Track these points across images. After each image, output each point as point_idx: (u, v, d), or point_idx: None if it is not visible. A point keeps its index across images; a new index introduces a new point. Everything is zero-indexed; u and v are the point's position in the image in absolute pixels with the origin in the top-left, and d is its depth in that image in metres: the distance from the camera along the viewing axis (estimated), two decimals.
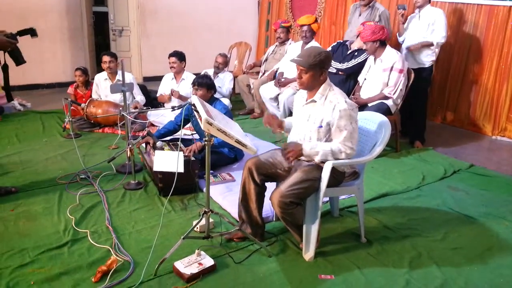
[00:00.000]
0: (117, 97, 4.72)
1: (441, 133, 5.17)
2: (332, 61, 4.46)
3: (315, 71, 2.38)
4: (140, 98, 4.99)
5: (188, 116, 3.67)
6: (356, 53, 4.57)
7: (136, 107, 4.74)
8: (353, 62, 4.52)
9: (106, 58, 4.83)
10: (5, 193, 3.14)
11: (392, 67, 4.06)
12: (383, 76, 4.11)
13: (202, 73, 5.16)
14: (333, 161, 2.38)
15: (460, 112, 5.33)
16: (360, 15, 4.87)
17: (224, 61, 5.44)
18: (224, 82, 5.35)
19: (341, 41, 4.90)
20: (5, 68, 2.92)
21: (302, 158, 2.47)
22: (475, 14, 5.02)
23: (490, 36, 4.91)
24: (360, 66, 4.48)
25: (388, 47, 4.14)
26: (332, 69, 4.45)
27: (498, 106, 4.96)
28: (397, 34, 4.84)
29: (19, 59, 2.97)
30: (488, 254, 2.60)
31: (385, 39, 4.10)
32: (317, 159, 2.39)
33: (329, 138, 2.43)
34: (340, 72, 4.56)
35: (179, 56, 4.94)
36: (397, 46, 4.70)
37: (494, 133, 5.03)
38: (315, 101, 2.44)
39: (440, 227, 2.90)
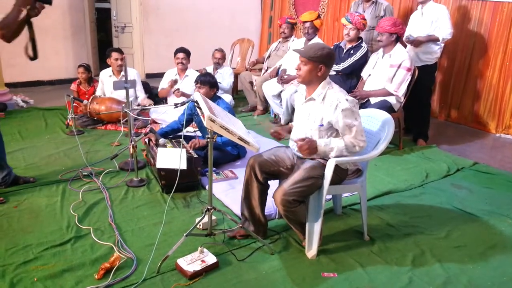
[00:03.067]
0: (122, 94, 4.71)
1: (445, 130, 5.16)
2: None
3: (314, 64, 2.37)
4: (141, 97, 4.99)
5: (191, 115, 3.67)
6: (351, 51, 4.53)
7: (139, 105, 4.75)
8: (348, 62, 4.48)
9: (117, 56, 4.81)
10: (23, 182, 3.22)
11: (400, 65, 4.04)
12: (389, 72, 4.09)
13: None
14: (336, 158, 2.37)
15: (464, 110, 5.31)
16: (364, 11, 4.85)
17: (223, 55, 5.43)
18: (224, 77, 5.34)
19: (337, 43, 4.88)
20: (30, 24, 2.67)
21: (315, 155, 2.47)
22: (479, 11, 4.99)
23: (495, 33, 4.88)
24: (356, 64, 4.45)
25: (398, 44, 4.12)
26: (331, 71, 4.43)
27: (502, 103, 4.94)
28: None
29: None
30: (491, 252, 2.59)
31: (401, 35, 4.10)
32: (332, 155, 2.38)
33: (331, 136, 2.42)
34: (339, 73, 4.54)
35: (187, 53, 4.95)
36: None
37: (498, 130, 5.01)
38: (314, 99, 2.43)
39: (443, 225, 2.89)
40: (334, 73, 4.53)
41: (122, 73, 4.84)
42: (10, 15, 2.57)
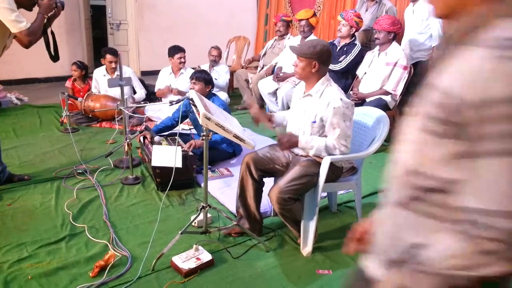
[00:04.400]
0: (117, 92, 4.70)
1: None
2: None
3: (307, 61, 2.37)
4: (140, 92, 4.98)
5: (186, 111, 3.66)
6: (345, 49, 4.54)
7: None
8: (346, 61, 4.47)
9: (112, 59, 4.79)
10: (18, 180, 3.22)
11: (396, 63, 4.06)
12: (385, 70, 4.10)
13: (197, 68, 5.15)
14: (331, 156, 2.38)
15: None
16: (366, 10, 4.86)
17: (219, 53, 5.43)
18: (220, 74, 5.33)
19: (331, 41, 4.88)
20: (52, 33, 2.92)
21: (296, 150, 2.48)
22: None
23: None
24: (352, 63, 4.45)
25: (395, 43, 4.14)
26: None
27: None
28: None
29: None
30: None
31: (398, 33, 4.11)
32: (311, 153, 2.38)
33: (323, 134, 2.42)
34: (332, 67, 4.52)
35: (184, 51, 4.95)
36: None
37: None
38: (311, 95, 2.44)
39: None
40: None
41: (117, 72, 4.83)
42: (36, 23, 2.72)
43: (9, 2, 2.56)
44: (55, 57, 2.96)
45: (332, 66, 4.49)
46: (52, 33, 2.89)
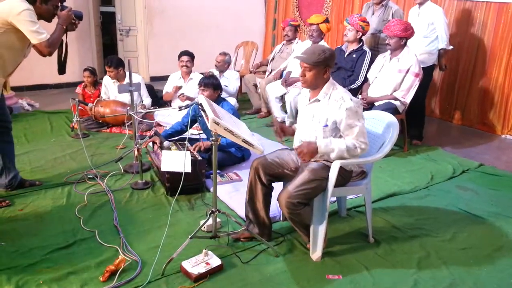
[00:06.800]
0: (126, 98, 4.73)
1: (450, 132, 5.14)
2: (346, 76, 4.48)
3: (319, 69, 2.36)
4: (147, 101, 5.00)
5: (195, 116, 3.67)
6: (354, 55, 4.52)
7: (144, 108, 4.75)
8: (363, 74, 4.41)
9: (111, 70, 4.77)
10: (29, 185, 3.26)
11: (408, 70, 4.02)
12: (397, 77, 4.06)
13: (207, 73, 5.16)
14: (341, 160, 2.37)
15: (469, 111, 5.28)
16: (373, 14, 4.84)
17: (222, 59, 5.41)
18: (230, 81, 5.34)
19: (338, 46, 4.87)
20: (66, 45, 2.98)
21: (317, 157, 2.47)
22: (484, 12, 4.98)
23: (500, 34, 4.86)
24: (366, 71, 4.44)
25: (407, 48, 4.09)
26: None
27: (507, 104, 4.91)
28: None
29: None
30: (497, 254, 2.57)
31: (409, 38, 4.08)
32: (333, 156, 2.35)
33: (335, 137, 2.41)
34: (352, 86, 4.50)
35: (192, 56, 4.96)
36: None
37: (503, 132, 4.98)
38: (319, 100, 2.43)
39: (448, 227, 2.88)
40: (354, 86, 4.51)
41: (126, 80, 4.85)
42: (55, 34, 2.79)
43: (30, 15, 2.65)
44: (62, 70, 3.01)
45: (352, 86, 4.46)
46: (66, 45, 2.95)
